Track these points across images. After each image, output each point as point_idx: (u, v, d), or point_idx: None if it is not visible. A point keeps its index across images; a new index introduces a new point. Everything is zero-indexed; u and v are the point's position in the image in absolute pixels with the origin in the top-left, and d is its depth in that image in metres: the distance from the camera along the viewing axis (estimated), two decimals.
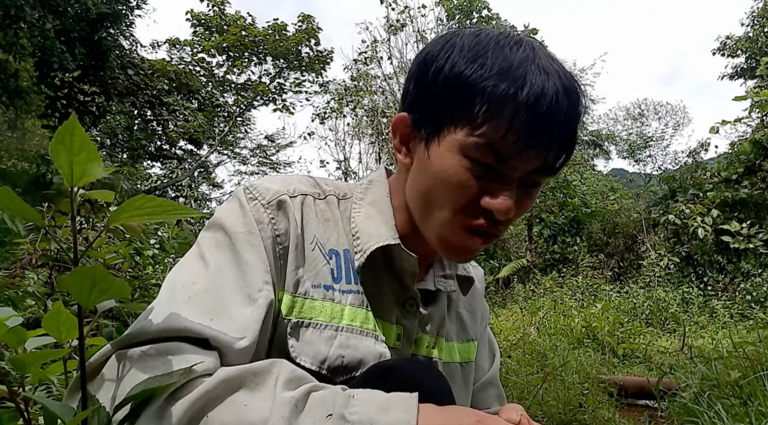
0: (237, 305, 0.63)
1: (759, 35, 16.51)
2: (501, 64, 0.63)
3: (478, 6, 14.65)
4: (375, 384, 0.61)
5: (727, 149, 12.89)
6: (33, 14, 8.90)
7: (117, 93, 12.76)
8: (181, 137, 17.45)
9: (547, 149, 0.64)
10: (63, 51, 9.57)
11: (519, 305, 9.61)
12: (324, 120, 16.38)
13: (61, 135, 0.44)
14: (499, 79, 0.62)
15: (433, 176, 0.68)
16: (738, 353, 3.57)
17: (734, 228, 9.95)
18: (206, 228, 0.72)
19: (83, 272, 0.45)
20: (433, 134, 0.68)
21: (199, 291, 0.63)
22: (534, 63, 0.63)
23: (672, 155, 18.48)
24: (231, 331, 0.60)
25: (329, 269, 0.73)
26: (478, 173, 0.65)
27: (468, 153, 0.65)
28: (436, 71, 0.67)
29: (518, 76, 0.62)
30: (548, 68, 0.63)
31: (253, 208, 0.70)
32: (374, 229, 0.75)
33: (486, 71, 0.63)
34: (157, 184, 16.79)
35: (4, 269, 2.47)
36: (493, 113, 0.62)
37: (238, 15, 17.25)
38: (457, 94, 0.64)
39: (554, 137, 0.64)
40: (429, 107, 0.69)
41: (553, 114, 0.62)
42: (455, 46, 0.67)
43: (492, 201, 0.66)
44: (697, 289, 9.77)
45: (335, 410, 0.51)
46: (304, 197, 0.75)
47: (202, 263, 0.67)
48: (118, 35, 12.09)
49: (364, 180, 0.84)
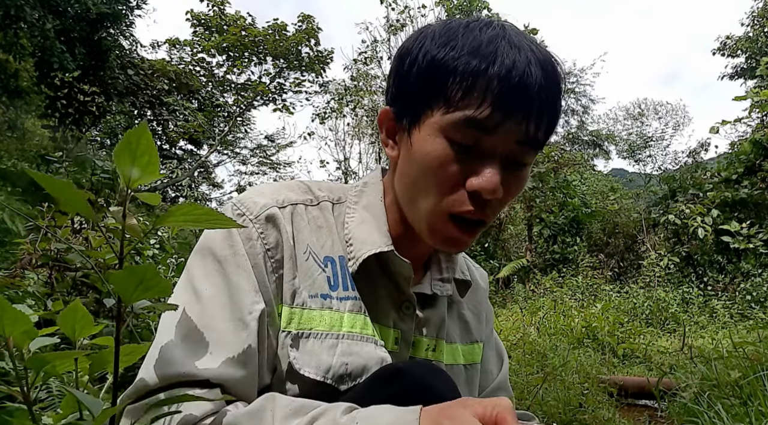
0: (231, 335, 0.63)
1: (759, 35, 16.51)
2: (471, 44, 0.64)
3: (478, 6, 14.65)
4: (383, 387, 0.62)
5: (727, 149, 12.89)
6: (33, 14, 8.90)
7: (117, 93, 12.75)
8: (181, 137, 17.45)
9: (526, 119, 0.64)
10: (63, 51, 9.56)
11: (519, 305, 9.61)
12: (324, 120, 16.39)
13: (129, 137, 0.47)
14: (470, 56, 0.63)
15: (417, 163, 0.68)
16: (738, 353, 3.57)
17: (734, 228, 9.94)
18: (195, 252, 0.72)
19: (132, 270, 0.47)
20: (414, 122, 0.69)
21: (193, 329, 0.64)
22: (504, 39, 0.64)
23: (672, 155, 18.48)
24: (230, 364, 0.61)
25: (325, 277, 0.72)
26: (459, 152, 0.65)
27: (448, 134, 0.65)
28: (411, 61, 0.68)
29: (489, 52, 0.63)
30: (519, 43, 0.64)
31: (242, 224, 0.70)
32: (367, 235, 0.75)
33: (457, 52, 0.64)
34: (157, 184, 16.78)
35: (4, 269, 2.46)
36: (466, 90, 0.63)
37: (238, 15, 17.25)
38: (431, 77, 0.65)
39: (532, 107, 0.64)
40: (407, 96, 0.69)
41: (527, 84, 0.62)
42: (427, 36, 0.68)
43: (477, 180, 0.65)
44: (697, 289, 9.77)
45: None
46: (294, 207, 0.74)
47: (193, 296, 0.67)
48: (118, 35, 12.09)
49: (359, 182, 0.84)
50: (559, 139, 19.08)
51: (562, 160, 13.59)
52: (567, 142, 19.20)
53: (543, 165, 12.38)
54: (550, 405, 3.42)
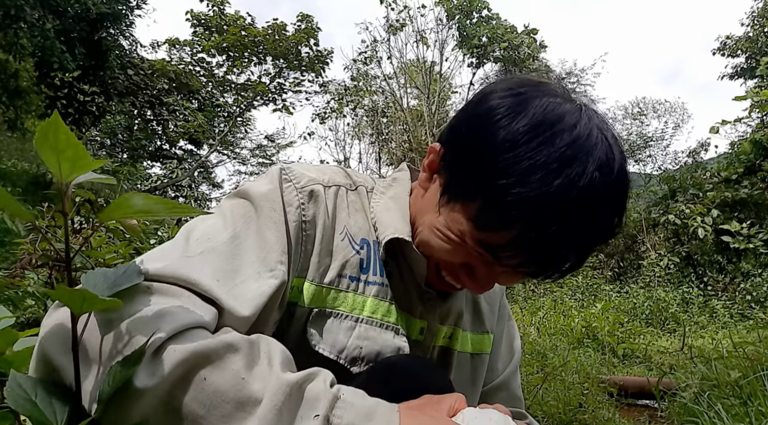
0: (246, 277, 0.61)
1: (759, 35, 16.51)
2: (564, 195, 0.57)
3: (478, 6, 14.64)
4: (380, 379, 0.62)
5: (727, 149, 12.90)
6: (33, 14, 8.90)
7: (117, 93, 12.76)
8: (181, 137, 17.46)
9: (551, 271, 0.66)
10: (63, 51, 9.57)
11: (519, 305, 9.61)
12: (324, 120, 16.40)
13: (44, 133, 0.44)
14: (556, 221, 0.58)
15: (432, 227, 0.70)
16: (738, 353, 3.57)
17: (734, 228, 9.94)
18: (232, 195, 0.71)
19: (70, 292, 0.45)
20: (452, 198, 0.67)
21: (213, 249, 0.61)
22: (597, 198, 0.59)
23: (672, 155, 18.50)
24: (236, 298, 0.59)
25: (359, 259, 0.73)
26: (474, 250, 0.66)
27: (473, 236, 0.65)
28: (491, 153, 0.61)
29: (573, 215, 0.58)
30: (608, 200, 0.61)
31: (286, 189, 0.70)
32: (391, 220, 0.75)
33: (527, 193, 0.57)
34: (157, 184, 16.79)
35: (4, 269, 2.46)
36: (509, 236, 0.61)
37: (238, 15, 17.25)
38: (502, 205, 0.60)
39: (565, 264, 0.65)
40: (462, 171, 0.66)
41: (583, 248, 0.64)
42: (527, 135, 0.59)
43: (472, 282, 0.70)
44: (697, 289, 9.77)
45: (322, 411, 0.51)
46: (338, 188, 0.75)
47: (222, 224, 0.65)
48: (118, 35, 12.09)
49: (388, 177, 0.85)
50: None
51: None
52: None
53: None
54: (550, 405, 3.42)
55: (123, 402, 0.46)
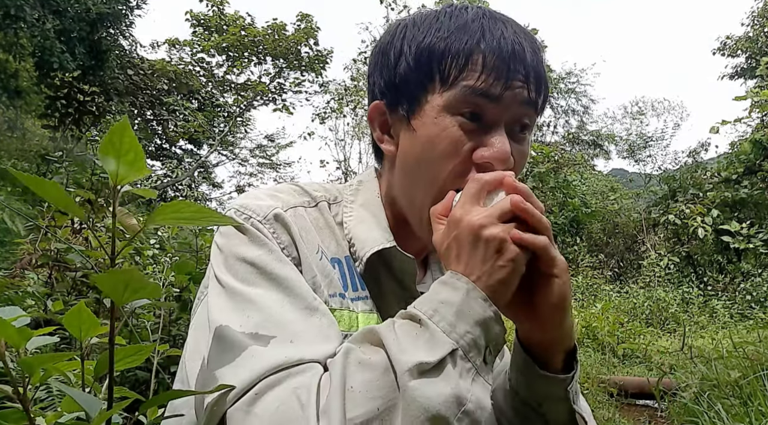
0: (302, 323, 0.59)
1: (759, 35, 16.52)
2: (457, 24, 0.67)
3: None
4: None
5: (727, 149, 12.91)
6: (33, 14, 8.90)
7: (117, 93, 12.76)
8: (181, 136, 17.46)
9: (526, 82, 0.67)
10: (63, 51, 9.57)
11: None
12: (324, 120, 16.39)
13: (112, 134, 0.46)
14: (460, 34, 0.66)
15: (423, 146, 0.68)
16: (738, 353, 3.57)
17: (734, 228, 9.95)
18: (222, 267, 0.65)
19: (117, 273, 0.46)
20: (414, 108, 0.69)
21: (259, 325, 0.58)
22: (485, 17, 0.68)
23: (672, 154, 18.53)
24: (317, 343, 0.58)
25: (339, 276, 0.71)
26: (467, 127, 0.66)
27: (455, 109, 0.66)
28: (397, 52, 0.70)
29: (476, 28, 0.66)
30: (500, 18, 0.69)
31: (252, 226, 0.66)
32: (368, 233, 0.74)
33: (444, 32, 0.67)
34: (157, 184, 16.78)
35: (4, 269, 2.46)
36: (463, 65, 0.65)
37: (237, 15, 17.26)
38: (424, 61, 0.67)
39: (529, 72, 0.67)
40: (401, 85, 0.71)
41: (520, 51, 0.66)
42: (407, 27, 0.71)
43: (487, 150, 0.66)
44: (697, 289, 9.77)
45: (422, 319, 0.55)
46: (295, 209, 0.72)
47: (241, 303, 0.60)
48: (118, 35, 12.10)
49: (353, 181, 0.83)
50: (559, 139, 19.09)
51: (562, 160, 13.59)
52: (567, 142, 19.20)
53: (543, 165, 12.38)
54: None
55: None
